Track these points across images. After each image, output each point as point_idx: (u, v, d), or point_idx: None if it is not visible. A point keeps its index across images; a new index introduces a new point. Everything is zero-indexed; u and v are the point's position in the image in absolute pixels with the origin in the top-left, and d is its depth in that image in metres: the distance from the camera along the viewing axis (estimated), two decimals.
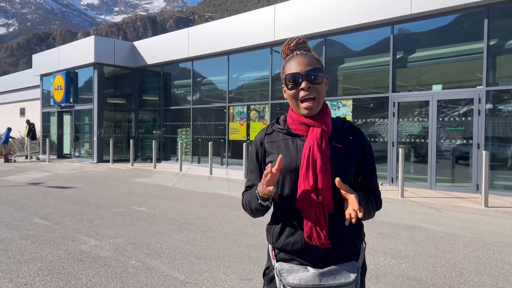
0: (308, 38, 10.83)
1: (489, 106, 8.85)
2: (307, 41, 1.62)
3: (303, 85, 1.49)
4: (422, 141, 9.75)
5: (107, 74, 17.44)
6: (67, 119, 19.28)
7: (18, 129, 23.16)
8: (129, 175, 12.22)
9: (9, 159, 16.96)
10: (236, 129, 13.94)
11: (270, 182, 1.40)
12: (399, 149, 8.59)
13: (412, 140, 10.01)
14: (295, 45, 1.58)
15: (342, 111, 11.01)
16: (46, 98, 20.17)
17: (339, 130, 1.57)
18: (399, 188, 8.41)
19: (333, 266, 1.46)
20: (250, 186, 1.65)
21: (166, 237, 5.10)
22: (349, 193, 1.41)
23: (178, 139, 16.04)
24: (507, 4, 8.64)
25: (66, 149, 19.48)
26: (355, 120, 10.88)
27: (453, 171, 9.50)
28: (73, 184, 9.92)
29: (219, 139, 14.54)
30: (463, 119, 9.23)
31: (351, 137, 1.58)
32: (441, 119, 9.42)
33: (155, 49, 16.68)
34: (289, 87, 1.53)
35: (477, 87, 8.96)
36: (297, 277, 1.44)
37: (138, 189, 9.25)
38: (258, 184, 1.50)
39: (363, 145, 1.59)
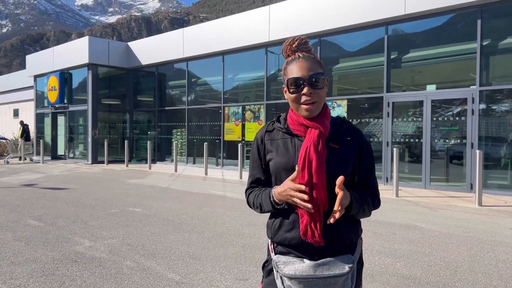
0: None
1: (483, 106, 8.91)
2: (308, 41, 1.65)
3: (305, 91, 1.52)
4: (417, 141, 9.80)
5: (102, 74, 17.36)
6: (61, 120, 19.17)
7: (12, 130, 23.00)
8: (123, 176, 12.18)
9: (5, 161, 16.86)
10: (231, 129, 13.93)
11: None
12: (394, 149, 8.63)
13: (407, 140, 10.05)
14: (297, 46, 1.61)
15: (337, 111, 11.04)
16: (40, 99, 20.05)
17: (337, 130, 1.60)
18: (394, 187, 8.45)
19: (328, 258, 1.51)
20: (254, 182, 1.71)
21: (161, 237, 5.08)
22: (341, 191, 1.42)
23: (173, 139, 15.99)
24: (500, 5, 8.71)
25: (60, 150, 19.36)
26: (350, 120, 10.90)
27: (447, 171, 9.55)
28: (67, 185, 9.86)
29: (214, 139, 14.52)
30: (457, 119, 9.28)
31: (349, 137, 1.61)
32: (435, 119, 9.47)
33: (149, 50, 16.64)
34: (291, 90, 1.56)
35: (471, 87, 9.02)
36: (293, 268, 1.50)
37: (133, 190, 9.22)
38: (272, 189, 1.56)
39: (361, 144, 1.62)
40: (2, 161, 17.06)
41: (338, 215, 1.40)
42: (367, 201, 1.57)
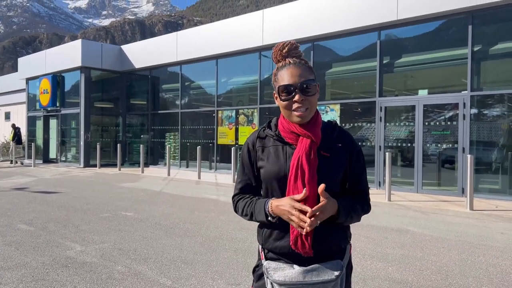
0: None
1: (474, 110, 9.00)
2: (299, 46, 1.63)
3: (296, 98, 1.51)
4: (409, 145, 9.86)
5: (95, 78, 17.28)
6: (53, 123, 19.02)
7: (3, 133, 22.78)
8: (116, 179, 12.10)
9: None
10: (224, 133, 13.92)
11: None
12: (386, 153, 8.67)
13: (399, 144, 10.11)
14: (288, 52, 1.58)
15: (330, 115, 11.08)
16: (32, 102, 19.90)
17: (328, 137, 1.59)
18: (386, 191, 8.48)
19: (317, 264, 1.51)
20: (244, 188, 1.68)
21: (153, 242, 5.05)
22: (325, 200, 1.42)
23: (166, 143, 15.93)
24: (491, 11, 8.82)
25: (52, 153, 19.20)
26: (343, 125, 10.95)
27: (439, 175, 9.62)
28: (58, 189, 9.77)
29: (208, 143, 14.50)
30: (448, 123, 9.36)
31: (340, 143, 1.61)
32: (427, 123, 9.54)
33: (143, 53, 16.59)
34: (282, 98, 1.55)
35: (462, 92, 9.10)
36: (282, 274, 1.50)
37: (125, 194, 9.16)
38: (268, 200, 1.54)
39: (352, 150, 1.62)
40: None
41: (314, 220, 1.39)
42: (355, 208, 1.57)
